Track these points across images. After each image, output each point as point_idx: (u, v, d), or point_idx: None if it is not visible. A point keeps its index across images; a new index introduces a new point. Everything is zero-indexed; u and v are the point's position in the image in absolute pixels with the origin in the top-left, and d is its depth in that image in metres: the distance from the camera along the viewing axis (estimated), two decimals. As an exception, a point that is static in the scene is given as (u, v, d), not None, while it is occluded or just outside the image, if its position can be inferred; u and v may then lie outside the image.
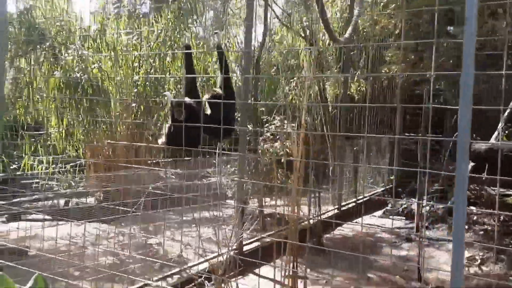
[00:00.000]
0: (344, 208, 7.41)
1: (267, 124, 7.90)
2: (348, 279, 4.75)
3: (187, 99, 3.98)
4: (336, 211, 7.15)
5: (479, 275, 4.69)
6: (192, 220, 6.08)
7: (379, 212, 7.70)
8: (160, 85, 8.86)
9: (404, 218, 7.07)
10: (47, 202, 7.35)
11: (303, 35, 8.63)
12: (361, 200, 7.83)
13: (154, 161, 8.36)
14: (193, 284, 3.80)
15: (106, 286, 3.88)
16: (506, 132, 6.61)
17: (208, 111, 4.26)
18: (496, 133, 6.63)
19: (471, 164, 6.67)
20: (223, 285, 3.91)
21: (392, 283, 4.59)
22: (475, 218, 6.29)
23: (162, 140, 4.12)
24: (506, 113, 6.72)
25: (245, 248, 5.26)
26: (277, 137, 8.10)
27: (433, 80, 6.25)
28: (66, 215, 5.87)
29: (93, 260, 4.64)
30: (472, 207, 6.91)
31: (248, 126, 5.90)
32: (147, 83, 8.08)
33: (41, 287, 1.75)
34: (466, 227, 6.26)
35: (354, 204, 7.79)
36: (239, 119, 5.35)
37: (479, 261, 4.99)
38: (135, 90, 7.94)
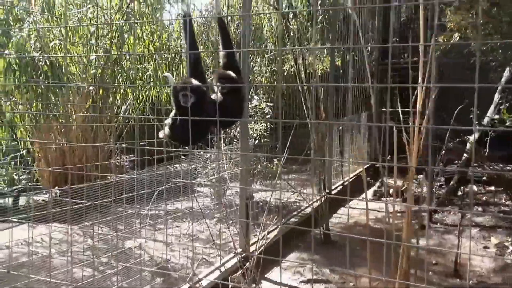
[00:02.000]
0: (334, 191, 6.94)
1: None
2: (375, 280, 4.23)
3: (193, 81, 3.21)
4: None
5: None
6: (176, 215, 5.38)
7: (368, 194, 7.27)
8: (118, 65, 7.90)
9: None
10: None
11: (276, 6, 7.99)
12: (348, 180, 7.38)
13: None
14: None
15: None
16: (507, 104, 6.32)
17: (218, 96, 3.52)
18: (492, 106, 6.33)
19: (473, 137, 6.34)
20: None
21: (428, 282, 4.09)
22: (484, 198, 5.99)
23: (164, 132, 3.33)
24: (500, 85, 6.43)
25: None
26: (255, 118, 7.49)
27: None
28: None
29: (67, 274, 3.84)
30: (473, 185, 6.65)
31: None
32: (102, 64, 7.08)
33: None
34: (480, 209, 5.98)
35: (341, 186, 7.36)
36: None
37: (510, 248, 4.64)
38: (93, 71, 6.92)
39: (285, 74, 8.99)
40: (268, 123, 7.44)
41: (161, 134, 3.35)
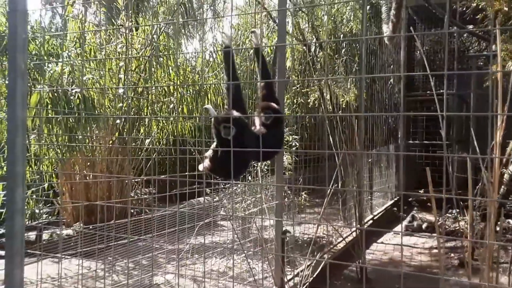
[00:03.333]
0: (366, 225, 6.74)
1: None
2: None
3: (235, 112, 3.14)
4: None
5: None
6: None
7: (398, 228, 7.05)
8: (144, 98, 7.95)
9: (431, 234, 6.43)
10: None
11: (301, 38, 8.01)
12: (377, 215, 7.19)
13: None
14: None
15: None
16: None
17: (258, 127, 3.45)
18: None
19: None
20: None
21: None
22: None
23: (204, 165, 3.25)
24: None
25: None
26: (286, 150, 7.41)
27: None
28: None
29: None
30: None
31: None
32: (132, 96, 7.13)
33: None
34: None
35: (372, 220, 7.15)
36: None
37: None
38: (120, 105, 6.95)
39: (309, 106, 8.94)
40: (293, 156, 7.33)
41: (201, 167, 3.27)
